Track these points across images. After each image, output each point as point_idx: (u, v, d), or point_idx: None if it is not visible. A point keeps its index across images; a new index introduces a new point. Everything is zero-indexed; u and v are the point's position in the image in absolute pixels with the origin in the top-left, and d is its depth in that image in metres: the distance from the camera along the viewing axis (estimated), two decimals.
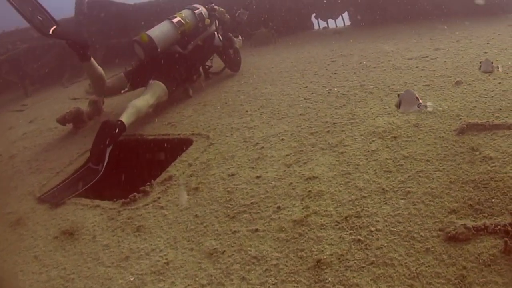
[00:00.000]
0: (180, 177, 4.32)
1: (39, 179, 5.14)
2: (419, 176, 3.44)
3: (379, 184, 3.44)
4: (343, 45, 8.15)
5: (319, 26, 10.77)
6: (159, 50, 6.42)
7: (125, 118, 5.46)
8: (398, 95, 3.47)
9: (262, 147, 4.49)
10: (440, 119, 4.23)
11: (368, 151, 3.94)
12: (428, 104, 3.29)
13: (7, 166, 5.85)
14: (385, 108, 4.72)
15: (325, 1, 10.20)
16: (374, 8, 9.67)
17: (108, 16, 11.62)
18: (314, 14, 10.73)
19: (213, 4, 7.32)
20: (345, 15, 10.41)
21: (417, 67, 5.92)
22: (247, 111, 5.56)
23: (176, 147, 5.08)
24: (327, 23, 10.65)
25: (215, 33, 7.35)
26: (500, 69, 4.58)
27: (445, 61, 5.94)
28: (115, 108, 6.87)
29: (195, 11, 6.92)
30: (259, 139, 4.70)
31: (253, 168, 4.14)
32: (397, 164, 3.65)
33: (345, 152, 4.02)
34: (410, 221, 2.97)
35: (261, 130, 4.91)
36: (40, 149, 6.19)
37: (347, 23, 10.49)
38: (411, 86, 5.22)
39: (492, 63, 4.54)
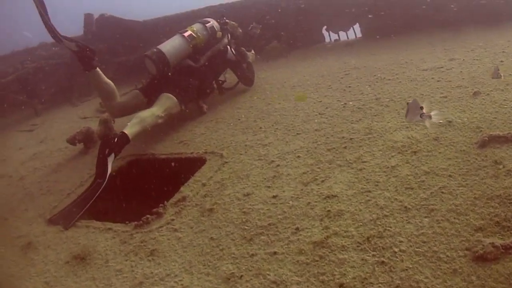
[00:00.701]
0: (194, 198, 4.21)
1: (50, 201, 5.07)
2: (442, 192, 3.31)
3: (401, 202, 3.31)
4: (355, 58, 8.01)
5: (330, 39, 10.66)
6: (170, 64, 6.35)
7: (128, 128, 5.40)
8: (407, 103, 3.35)
9: (278, 165, 4.37)
10: (460, 132, 4.11)
11: (388, 167, 3.81)
12: (432, 113, 3.17)
13: (18, 188, 5.80)
14: (403, 122, 4.58)
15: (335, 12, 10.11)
16: (385, 20, 9.56)
17: (117, 33, 11.61)
18: (325, 27, 10.62)
19: (225, 18, 7.30)
20: (356, 27, 10.30)
21: (432, 78, 5.79)
22: (261, 128, 5.45)
23: (189, 166, 4.97)
24: (339, 36, 10.54)
25: (228, 47, 7.29)
26: (502, 77, 4.68)
27: (461, 71, 5.80)
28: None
29: (207, 25, 6.89)
30: (274, 156, 4.58)
31: (269, 187, 4.02)
32: (419, 180, 3.52)
33: (364, 168, 3.89)
34: (435, 240, 2.85)
35: (276, 147, 4.79)
36: (50, 170, 6.14)
37: (359, 35, 10.37)
38: (428, 98, 5.09)
39: (499, 70, 4.56)
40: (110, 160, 5.03)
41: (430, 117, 3.16)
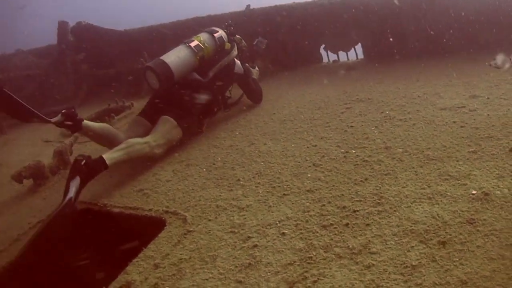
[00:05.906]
0: (140, 287, 3.07)
1: None
2: None
3: None
4: (358, 86, 6.92)
5: (328, 59, 9.68)
6: (175, 78, 5.56)
7: (108, 153, 4.66)
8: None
9: (255, 245, 3.19)
10: (501, 212, 3.00)
11: (407, 267, 2.65)
12: None
13: None
14: (423, 189, 3.46)
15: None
16: (392, 40, 8.56)
17: (95, 44, 10.77)
18: (323, 46, 9.64)
19: (232, 28, 6.60)
20: (358, 47, 9.33)
21: (454, 122, 4.71)
22: (239, 180, 4.33)
23: (144, 229, 3.87)
24: (338, 56, 9.55)
25: (235, 59, 6.59)
26: None
27: (488, 114, 4.72)
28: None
29: (215, 35, 6.19)
30: (252, 229, 3.41)
31: (240, 282, 2.85)
32: None
33: (373, 265, 2.73)
34: None
35: (255, 214, 3.64)
36: None
37: (360, 55, 9.39)
38: (453, 153, 3.99)
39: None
40: (74, 184, 4.20)
41: None
